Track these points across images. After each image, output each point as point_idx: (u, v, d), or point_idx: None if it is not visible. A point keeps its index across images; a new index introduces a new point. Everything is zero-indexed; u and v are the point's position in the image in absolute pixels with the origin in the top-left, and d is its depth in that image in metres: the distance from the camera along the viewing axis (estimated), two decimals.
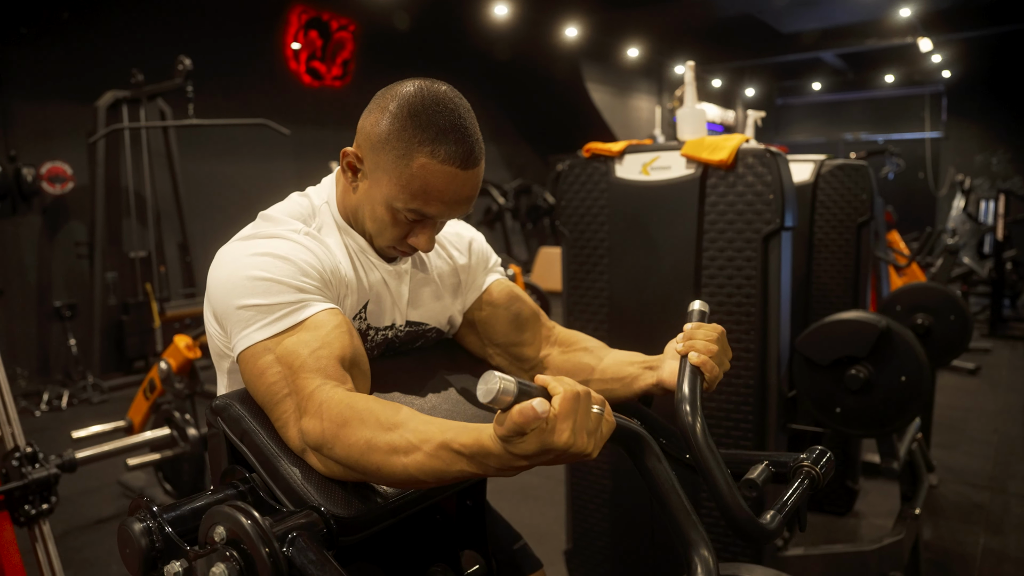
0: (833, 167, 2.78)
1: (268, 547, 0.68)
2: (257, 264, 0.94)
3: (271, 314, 0.92)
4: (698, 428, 0.97)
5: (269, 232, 0.99)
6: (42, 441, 4.09)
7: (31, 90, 5.42)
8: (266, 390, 0.89)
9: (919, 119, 12.50)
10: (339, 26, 7.79)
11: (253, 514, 0.70)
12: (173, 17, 6.20)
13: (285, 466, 0.85)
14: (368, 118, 1.02)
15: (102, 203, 5.52)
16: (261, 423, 0.89)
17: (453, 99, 1.00)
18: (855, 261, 2.79)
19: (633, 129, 10.84)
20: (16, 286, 5.45)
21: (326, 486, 0.84)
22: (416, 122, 0.96)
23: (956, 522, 2.99)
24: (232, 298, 0.93)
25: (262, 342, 0.91)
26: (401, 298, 1.12)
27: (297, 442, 0.86)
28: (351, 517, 0.82)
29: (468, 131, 0.99)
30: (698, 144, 2.02)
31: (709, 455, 0.95)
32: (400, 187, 0.98)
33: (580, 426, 0.72)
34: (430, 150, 0.96)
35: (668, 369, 1.13)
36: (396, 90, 1.01)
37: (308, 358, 0.89)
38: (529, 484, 3.43)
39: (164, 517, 0.77)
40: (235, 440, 0.89)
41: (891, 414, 2.00)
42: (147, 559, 0.76)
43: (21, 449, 1.97)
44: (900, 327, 2.00)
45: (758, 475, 0.99)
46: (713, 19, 9.23)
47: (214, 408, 0.92)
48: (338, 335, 0.92)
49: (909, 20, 8.66)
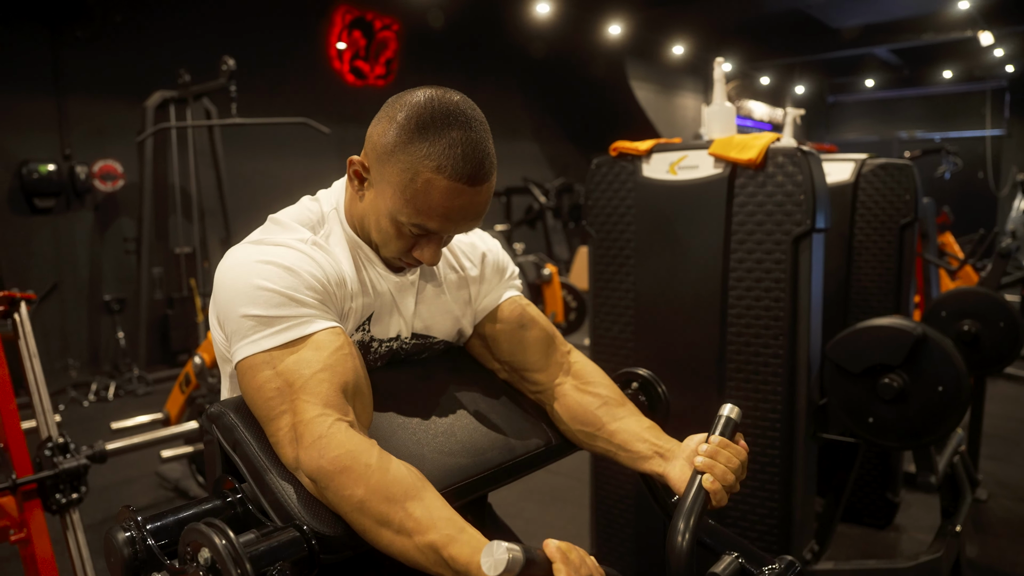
0: (875, 166, 2.68)
1: (240, 569, 0.68)
2: (261, 273, 0.93)
3: (272, 326, 0.91)
4: (684, 552, 0.91)
5: (276, 240, 0.98)
6: (87, 431, 4.24)
7: (85, 91, 5.61)
8: (264, 404, 0.88)
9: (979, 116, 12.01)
10: (382, 25, 7.86)
11: (228, 534, 0.70)
12: (219, 18, 6.34)
13: (274, 480, 0.85)
14: (376, 127, 0.98)
15: (149, 200, 5.67)
16: (254, 434, 0.89)
17: (465, 111, 0.95)
18: (897, 264, 2.68)
19: (678, 128, 10.69)
20: (70, 280, 5.64)
21: (312, 503, 0.84)
22: (423, 135, 0.92)
23: (1006, 540, 2.85)
24: (235, 305, 0.92)
25: (261, 354, 0.90)
26: (407, 310, 1.09)
27: (292, 461, 0.86)
28: (335, 536, 0.82)
29: (478, 146, 0.94)
30: (726, 143, 1.96)
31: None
32: (404, 201, 0.95)
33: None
34: (436, 165, 0.92)
35: (678, 470, 1.04)
36: (406, 99, 0.97)
37: (309, 380, 0.87)
38: (559, 486, 3.40)
39: (148, 528, 0.78)
40: (228, 449, 0.89)
41: (927, 426, 1.91)
42: (129, 569, 0.76)
43: (54, 439, 2.02)
44: (938, 334, 1.91)
45: (723, 569, 0.95)
46: (760, 15, 9.02)
47: (209, 415, 0.92)
48: (340, 358, 0.91)
49: (968, 13, 8.31)
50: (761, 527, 1.98)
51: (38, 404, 2.10)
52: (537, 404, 1.19)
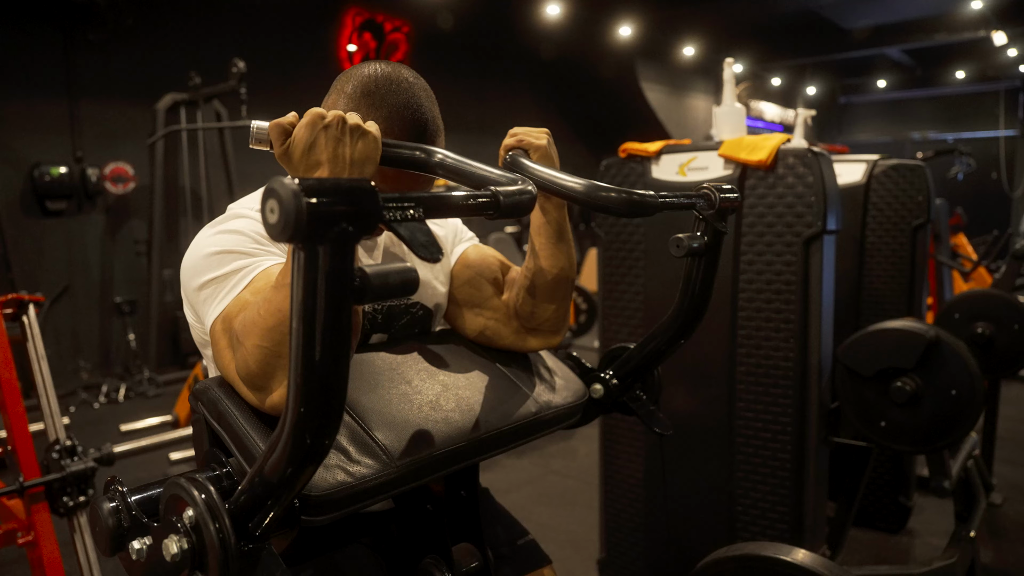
0: (887, 168, 2.65)
1: (218, 523, 0.67)
2: (211, 242, 0.95)
3: (227, 283, 0.91)
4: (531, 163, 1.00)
5: (227, 215, 1.01)
6: (97, 433, 4.26)
7: (97, 94, 5.64)
8: (220, 359, 0.88)
9: (992, 116, 11.90)
10: (393, 27, 7.87)
11: (204, 485, 0.70)
12: (230, 21, 6.37)
13: (255, 444, 0.83)
14: (327, 101, 1.04)
15: (160, 202, 5.70)
16: (236, 404, 0.87)
17: (408, 78, 1.01)
18: (910, 266, 2.65)
19: (689, 129, 10.65)
20: (81, 282, 5.68)
21: None
22: (369, 101, 0.98)
23: (1021, 544, 2.81)
24: (193, 279, 0.94)
25: (221, 313, 0.90)
26: None
27: (248, 393, 0.84)
28: (318, 495, 0.80)
29: (422, 108, 1.00)
30: (736, 144, 1.94)
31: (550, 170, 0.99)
32: None
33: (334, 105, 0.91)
34: (383, 128, 0.96)
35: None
36: (353, 72, 1.02)
37: (246, 297, 0.88)
38: (570, 488, 3.38)
39: (132, 498, 0.77)
40: (213, 423, 0.88)
41: (941, 429, 1.88)
42: (115, 537, 0.75)
43: (61, 442, 2.02)
44: (951, 337, 1.88)
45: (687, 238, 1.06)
46: (772, 15, 8.98)
47: (194, 392, 0.91)
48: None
49: (981, 12, 8.23)
50: (772, 532, 1.96)
51: (46, 406, 2.11)
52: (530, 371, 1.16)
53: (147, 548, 0.74)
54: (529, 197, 0.82)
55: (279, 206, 0.54)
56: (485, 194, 0.77)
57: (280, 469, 0.66)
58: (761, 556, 1.19)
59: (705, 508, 2.06)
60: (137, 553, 0.74)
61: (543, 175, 0.99)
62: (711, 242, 1.07)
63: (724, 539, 2.01)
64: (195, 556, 0.69)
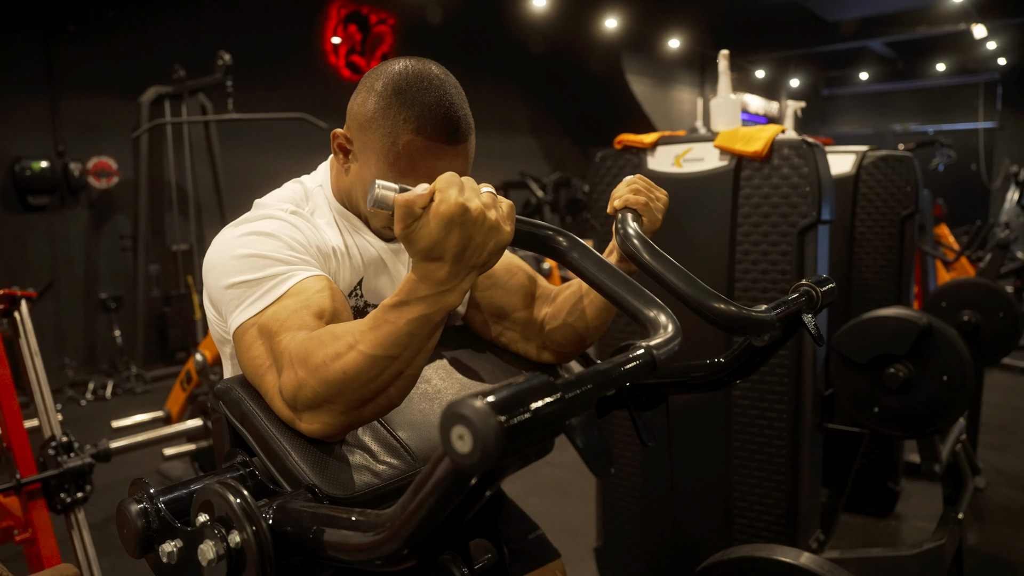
0: (876, 159, 2.69)
1: (253, 522, 0.67)
2: (243, 243, 0.94)
3: (259, 288, 0.91)
4: (653, 250, 0.96)
5: (258, 215, 1.00)
6: (86, 430, 4.22)
7: (78, 86, 5.57)
8: (251, 364, 0.88)
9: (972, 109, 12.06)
10: (378, 20, 7.83)
11: (239, 489, 0.69)
12: (214, 12, 6.31)
13: (282, 447, 0.84)
14: (356, 99, 1.02)
15: (145, 197, 5.64)
16: (260, 405, 0.88)
17: (439, 75, 1.00)
18: (898, 256, 2.69)
19: (674, 121, 10.69)
20: (65, 279, 5.61)
21: (322, 466, 0.83)
22: (401, 100, 0.96)
23: (1004, 527, 2.87)
24: (221, 279, 0.93)
25: (251, 318, 0.90)
26: (399, 275, 1.11)
27: (283, 410, 0.84)
28: (346, 497, 0.81)
29: (455, 106, 0.98)
30: (732, 135, 1.96)
31: (666, 265, 0.94)
32: (388, 165, 0.98)
33: (469, 189, 0.74)
34: (416, 127, 0.95)
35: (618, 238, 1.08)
36: (383, 69, 1.01)
37: (287, 319, 0.87)
38: (563, 479, 3.41)
39: (160, 498, 0.77)
40: (236, 423, 0.88)
41: (932, 415, 1.92)
42: (143, 539, 0.75)
43: (57, 438, 2.01)
44: (943, 324, 1.92)
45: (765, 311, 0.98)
46: (756, 8, 9.03)
47: (216, 392, 0.91)
48: (319, 297, 0.91)
49: (962, 6, 8.33)
50: (768, 517, 1.99)
51: (40, 403, 2.09)
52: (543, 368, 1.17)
53: (178, 551, 0.74)
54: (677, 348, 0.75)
55: (473, 435, 0.48)
56: (639, 356, 0.72)
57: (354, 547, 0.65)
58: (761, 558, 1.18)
59: (702, 495, 2.09)
60: (168, 556, 0.74)
61: (657, 269, 0.95)
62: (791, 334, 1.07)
63: (721, 526, 2.04)
64: (232, 561, 0.68)
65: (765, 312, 0.94)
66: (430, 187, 0.74)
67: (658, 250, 0.99)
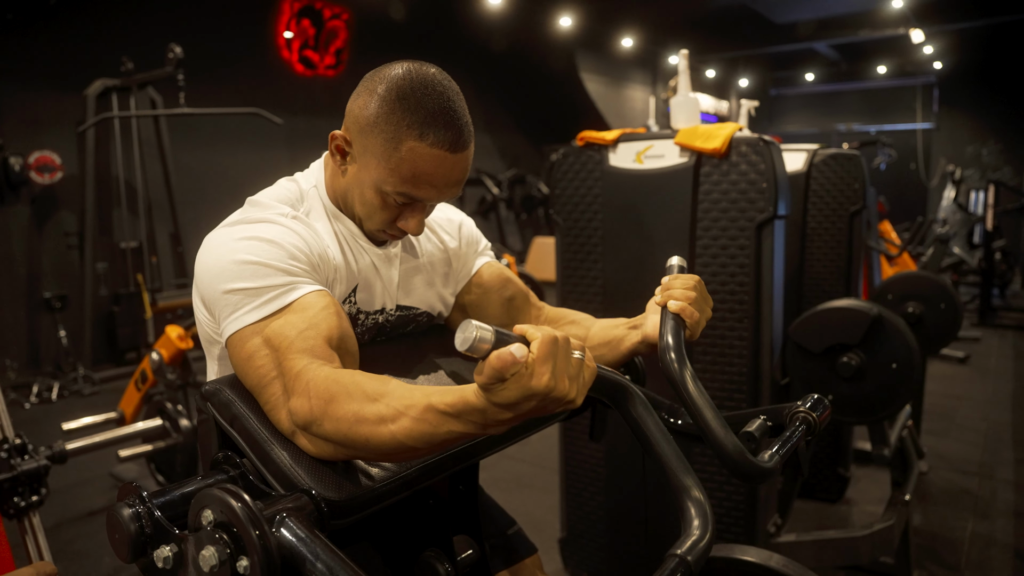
0: (826, 156, 2.79)
1: (258, 528, 0.67)
2: (244, 248, 0.93)
3: (259, 297, 0.91)
4: (686, 374, 0.98)
5: (256, 216, 0.99)
6: (32, 433, 4.06)
7: (18, 78, 5.36)
8: (254, 373, 0.88)
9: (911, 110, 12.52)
10: (332, 15, 7.73)
11: (243, 496, 0.69)
12: (164, 5, 6.14)
13: (275, 450, 0.84)
14: (356, 101, 1.01)
15: (92, 193, 5.47)
16: (251, 408, 0.88)
17: (442, 81, 0.99)
18: (848, 250, 2.80)
19: (627, 119, 10.82)
20: (5, 277, 5.40)
21: (317, 469, 0.83)
22: (404, 105, 0.96)
23: (945, 508, 3.01)
24: (219, 282, 0.92)
25: (250, 326, 0.90)
26: (391, 282, 1.12)
27: (286, 424, 0.85)
28: (342, 500, 0.81)
29: (457, 114, 0.98)
30: (692, 132, 2.01)
31: (699, 397, 0.96)
32: (389, 171, 0.98)
33: (560, 370, 0.70)
34: (419, 133, 0.96)
35: (651, 324, 1.11)
36: (384, 72, 1.00)
37: (296, 339, 0.88)
38: (524, 473, 3.44)
39: (154, 502, 0.76)
40: (225, 425, 0.88)
41: (883, 401, 2.01)
42: (136, 544, 0.74)
43: (10, 441, 1.96)
44: (892, 315, 2.01)
45: (756, 428, 1.00)
46: (707, 9, 9.20)
47: (204, 394, 0.91)
48: (326, 316, 0.91)
49: (902, 11, 8.64)
50: (728, 503, 2.05)
51: None
52: None
53: (174, 556, 0.73)
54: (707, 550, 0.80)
55: None
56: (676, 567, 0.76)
57: None
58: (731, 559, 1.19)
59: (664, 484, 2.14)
60: (164, 561, 0.73)
61: (685, 388, 0.97)
62: None
63: None
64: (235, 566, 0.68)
65: (769, 460, 0.94)
66: (526, 354, 0.68)
67: (692, 371, 1.00)
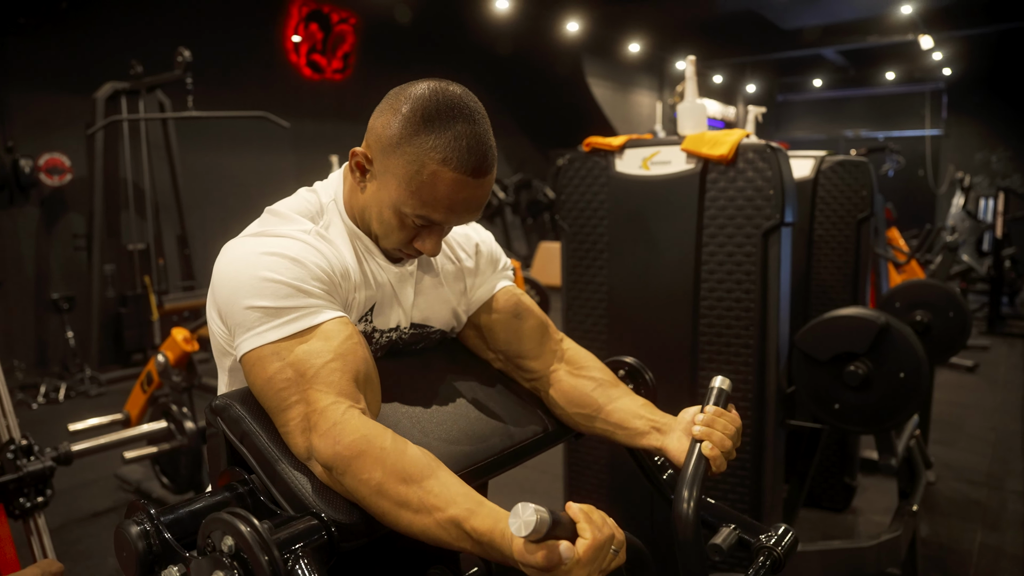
0: (833, 163, 2.77)
1: (268, 555, 0.67)
2: (267, 264, 0.92)
3: (279, 317, 0.90)
4: (691, 520, 0.96)
5: (279, 231, 0.98)
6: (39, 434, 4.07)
7: (29, 81, 5.40)
8: (274, 395, 0.88)
9: (919, 116, 12.48)
10: (340, 19, 7.76)
11: (253, 521, 0.69)
12: (173, 8, 6.18)
13: (286, 470, 0.84)
14: (379, 119, 0.99)
15: (100, 195, 5.50)
16: (262, 425, 0.88)
17: (468, 104, 0.97)
18: (855, 257, 2.79)
19: (634, 124, 10.82)
20: (14, 278, 5.44)
21: (326, 492, 0.84)
22: (429, 127, 0.94)
23: (953, 519, 2.99)
24: (239, 297, 0.91)
25: (270, 345, 0.89)
26: (407, 300, 1.10)
27: (303, 451, 0.86)
28: (352, 524, 0.82)
29: (481, 139, 0.96)
30: (698, 139, 2.01)
31: (692, 550, 0.96)
32: (409, 193, 0.96)
33: (597, 569, 0.76)
34: (442, 158, 0.94)
35: (676, 442, 1.08)
36: (409, 91, 0.98)
37: (321, 369, 0.88)
38: (527, 479, 3.43)
39: (162, 520, 0.76)
40: (235, 441, 0.88)
41: (890, 410, 1.99)
42: (143, 563, 0.74)
43: (16, 442, 1.96)
44: (899, 323, 2.00)
45: (723, 540, 1.00)
46: (715, 14, 9.20)
47: (214, 408, 0.91)
48: (351, 347, 0.91)
49: (910, 17, 8.62)
50: None
51: None
52: (532, 392, 1.20)
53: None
54: None
55: None
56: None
57: None
58: None
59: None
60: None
61: None
62: None
63: None
64: None
65: None
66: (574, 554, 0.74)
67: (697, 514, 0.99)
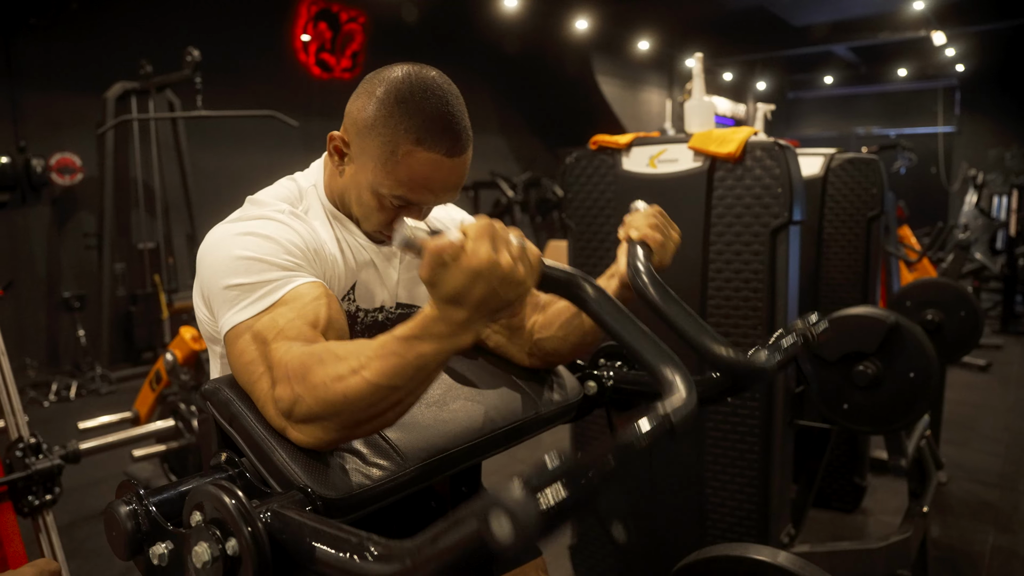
0: (843, 161, 2.75)
1: (250, 525, 0.67)
2: (242, 244, 0.94)
3: (254, 292, 0.91)
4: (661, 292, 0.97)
5: (254, 214, 1.00)
6: (49, 432, 4.10)
7: (40, 81, 5.44)
8: (244, 370, 0.88)
9: (932, 113, 12.38)
10: (348, 18, 7.77)
11: (235, 492, 0.69)
12: (182, 8, 6.20)
13: (272, 448, 0.83)
14: (355, 102, 1.01)
15: (111, 194, 5.53)
16: (249, 406, 0.87)
17: (442, 85, 0.99)
18: (865, 256, 2.76)
19: (643, 122, 10.78)
20: (25, 277, 5.48)
21: (313, 467, 0.83)
22: (403, 109, 0.96)
23: (965, 520, 2.96)
24: (218, 278, 0.93)
25: (244, 322, 0.90)
26: (390, 280, 1.11)
27: (276, 419, 0.84)
28: (338, 498, 0.81)
29: (456, 119, 0.98)
30: (706, 137, 1.99)
31: (679, 311, 0.96)
32: (386, 174, 0.98)
33: (500, 245, 0.73)
34: (416, 138, 0.95)
35: (623, 263, 1.09)
36: (384, 74, 1.00)
37: (283, 327, 0.87)
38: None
39: (150, 500, 0.76)
40: (224, 424, 0.88)
41: (899, 411, 1.97)
42: (132, 541, 0.74)
43: (25, 440, 1.97)
44: (909, 323, 1.97)
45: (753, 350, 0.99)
46: (724, 12, 9.15)
47: (203, 393, 0.91)
48: (315, 306, 0.91)
49: (922, 13, 8.54)
50: (740, 512, 2.03)
51: (6, 403, 2.04)
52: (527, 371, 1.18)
53: (169, 553, 0.73)
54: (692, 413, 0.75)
55: (513, 525, 0.51)
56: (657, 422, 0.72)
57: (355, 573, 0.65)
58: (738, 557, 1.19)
59: (677, 493, 2.12)
60: (159, 558, 0.73)
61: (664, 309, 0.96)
62: None
63: (694, 521, 2.08)
64: (227, 563, 0.68)
65: (766, 362, 0.95)
66: (461, 237, 0.72)
67: (667, 289, 0.99)
